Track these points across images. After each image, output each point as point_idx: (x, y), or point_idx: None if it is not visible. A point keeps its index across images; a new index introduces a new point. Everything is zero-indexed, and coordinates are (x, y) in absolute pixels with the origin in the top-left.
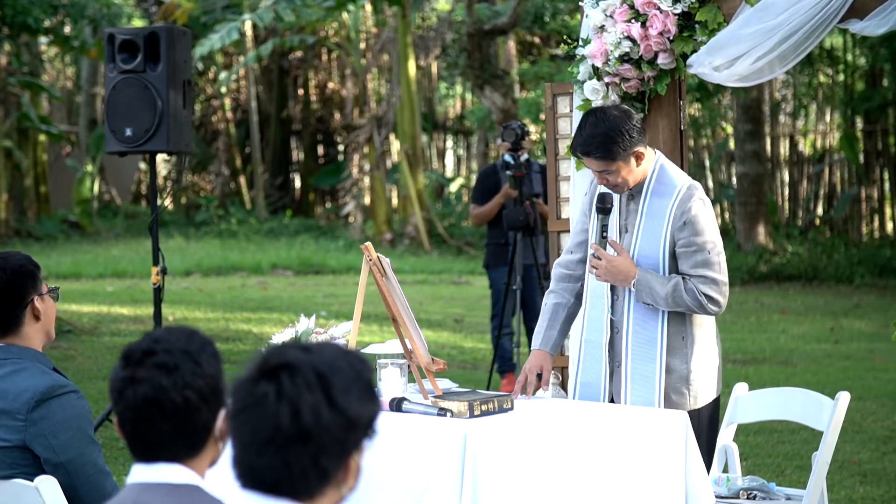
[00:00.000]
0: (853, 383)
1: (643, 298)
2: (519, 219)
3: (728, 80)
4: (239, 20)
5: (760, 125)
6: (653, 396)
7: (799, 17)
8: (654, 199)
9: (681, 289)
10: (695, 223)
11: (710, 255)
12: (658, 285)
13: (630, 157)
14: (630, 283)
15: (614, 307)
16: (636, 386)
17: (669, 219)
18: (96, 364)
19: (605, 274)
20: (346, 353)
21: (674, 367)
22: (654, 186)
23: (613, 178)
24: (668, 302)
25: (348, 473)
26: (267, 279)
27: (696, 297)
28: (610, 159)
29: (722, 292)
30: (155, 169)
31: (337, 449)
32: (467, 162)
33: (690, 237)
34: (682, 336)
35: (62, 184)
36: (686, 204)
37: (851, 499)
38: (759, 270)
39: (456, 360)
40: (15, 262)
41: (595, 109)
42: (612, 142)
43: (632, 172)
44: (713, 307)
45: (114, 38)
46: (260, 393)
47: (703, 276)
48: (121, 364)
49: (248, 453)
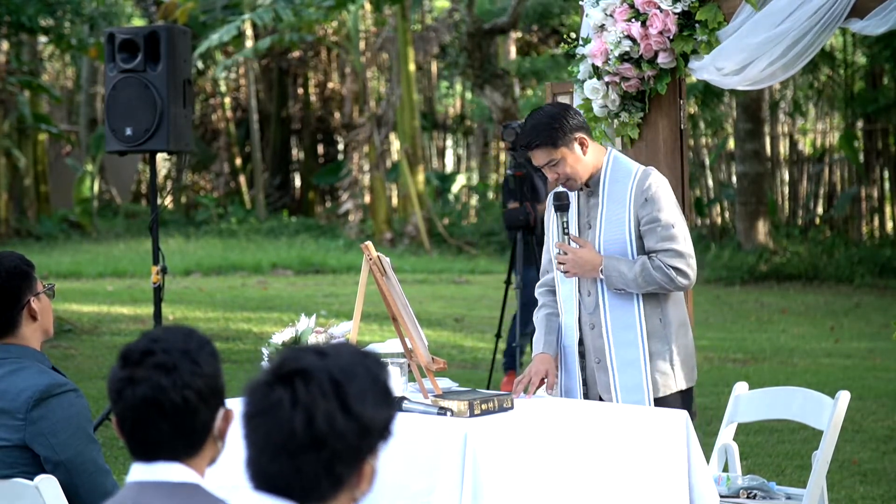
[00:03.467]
0: (853, 383)
1: (614, 284)
2: (519, 218)
3: (738, 85)
4: (239, 20)
5: (760, 124)
6: (640, 380)
7: (805, 21)
8: (612, 186)
9: (648, 267)
10: (655, 200)
11: (674, 229)
12: (626, 268)
13: (573, 142)
14: (598, 271)
15: (587, 304)
16: (623, 373)
17: (630, 199)
18: (96, 364)
19: (573, 267)
20: (363, 357)
21: (655, 350)
22: (610, 175)
23: (561, 170)
24: (637, 282)
25: (362, 478)
26: (267, 278)
27: (665, 271)
28: (552, 145)
29: (689, 265)
30: (155, 168)
31: (351, 455)
32: (467, 161)
33: (653, 213)
34: (658, 318)
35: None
36: (645, 182)
37: (851, 498)
38: (759, 270)
39: (456, 359)
40: (9, 263)
41: (534, 108)
42: (551, 127)
43: (579, 161)
44: (682, 279)
45: (114, 37)
46: (275, 398)
47: (668, 249)
48: (119, 364)
49: (262, 457)
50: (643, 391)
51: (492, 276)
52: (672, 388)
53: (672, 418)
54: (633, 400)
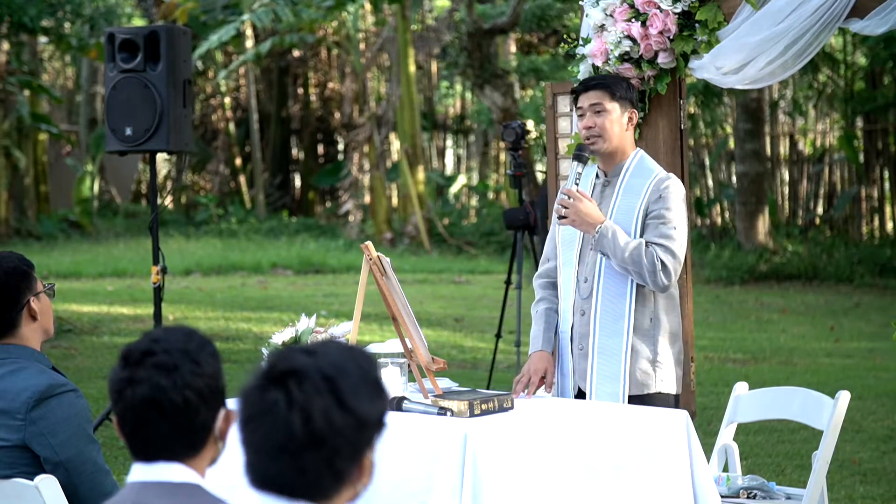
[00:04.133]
0: (853, 383)
1: (603, 246)
2: (519, 218)
3: (737, 84)
4: (238, 20)
5: (760, 124)
6: (618, 370)
7: (804, 21)
8: (631, 180)
9: (642, 248)
10: (668, 199)
11: (675, 230)
12: (622, 238)
13: (626, 107)
14: (595, 228)
15: (583, 291)
16: (602, 361)
17: (646, 193)
18: (96, 364)
19: (574, 214)
20: (351, 352)
21: (639, 348)
22: (632, 170)
23: (602, 120)
24: (624, 255)
25: (362, 472)
26: (267, 278)
27: (654, 260)
28: (611, 93)
29: (675, 269)
30: (155, 168)
31: (350, 450)
32: (467, 161)
33: (661, 210)
34: (649, 318)
35: (62, 183)
36: (664, 182)
37: (851, 498)
38: (759, 270)
39: (456, 359)
40: (8, 264)
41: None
42: (617, 82)
43: (620, 126)
44: (664, 277)
45: (114, 37)
46: (270, 400)
47: (664, 245)
48: (119, 364)
49: (262, 460)
50: (619, 382)
51: (492, 276)
52: (651, 388)
53: (673, 418)
54: (608, 391)
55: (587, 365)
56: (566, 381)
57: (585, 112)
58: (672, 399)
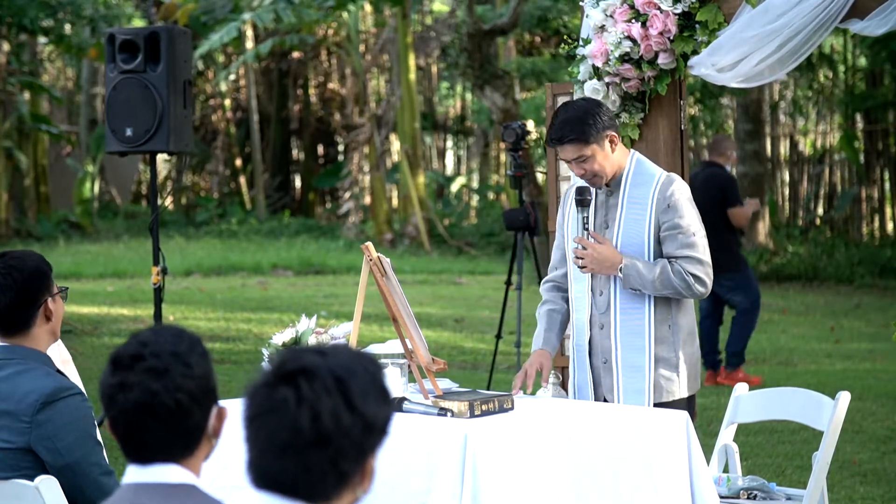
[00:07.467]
0: (853, 383)
1: (631, 284)
2: (519, 219)
3: (731, 81)
4: (239, 20)
5: (760, 125)
6: (643, 385)
7: (800, 19)
8: (633, 189)
9: (668, 271)
10: (678, 206)
11: (694, 237)
12: (645, 269)
13: (604, 140)
14: (617, 269)
15: (599, 304)
16: (627, 376)
17: (652, 204)
18: (96, 364)
19: (592, 263)
20: (360, 356)
21: (662, 356)
22: (632, 178)
23: (590, 166)
24: (655, 285)
25: (364, 476)
26: (267, 279)
27: (684, 277)
28: (584, 142)
29: (707, 273)
30: (155, 169)
31: (355, 452)
32: (467, 162)
33: (674, 220)
34: (668, 325)
35: (62, 184)
36: (668, 188)
37: (851, 499)
38: (759, 270)
39: (456, 360)
40: (31, 262)
41: (565, 102)
42: (585, 123)
43: (607, 159)
44: (700, 287)
45: (114, 38)
46: (279, 398)
47: (688, 256)
48: (109, 369)
49: (266, 458)
50: (644, 395)
51: (492, 276)
52: (675, 395)
53: (672, 419)
54: (634, 404)
55: (613, 381)
56: (583, 396)
57: (570, 162)
58: (692, 400)
